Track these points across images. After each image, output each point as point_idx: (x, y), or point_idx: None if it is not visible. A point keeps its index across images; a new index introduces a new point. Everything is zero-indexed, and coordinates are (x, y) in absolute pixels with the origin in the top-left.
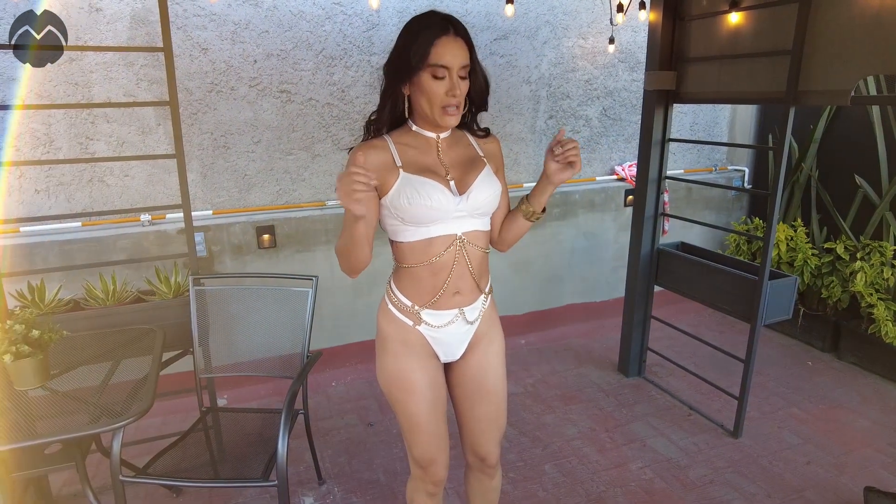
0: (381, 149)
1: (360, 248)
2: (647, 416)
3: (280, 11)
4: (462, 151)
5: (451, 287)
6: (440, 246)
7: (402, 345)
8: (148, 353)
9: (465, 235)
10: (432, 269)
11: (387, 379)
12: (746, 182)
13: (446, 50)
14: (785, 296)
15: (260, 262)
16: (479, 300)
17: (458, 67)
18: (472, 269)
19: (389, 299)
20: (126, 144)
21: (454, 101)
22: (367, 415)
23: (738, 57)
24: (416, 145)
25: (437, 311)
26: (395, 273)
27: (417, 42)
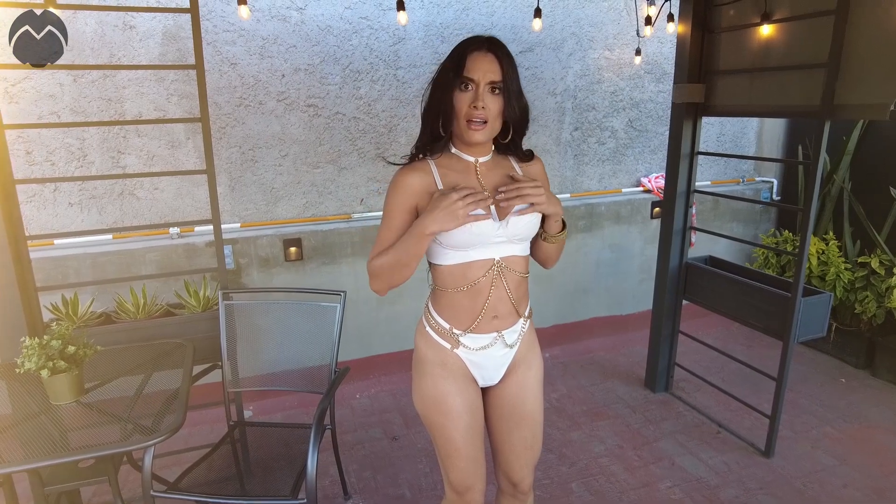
0: (423, 171)
1: (413, 266)
2: (675, 433)
3: (307, 26)
4: (503, 175)
5: (489, 311)
6: (478, 271)
7: (441, 367)
8: (178, 367)
9: (504, 260)
10: (470, 293)
11: (424, 402)
12: (775, 194)
13: (475, 63)
14: (819, 313)
15: (287, 275)
16: (518, 324)
17: (486, 82)
18: (510, 293)
19: (427, 322)
20: (156, 158)
21: (477, 114)
22: (392, 428)
23: (769, 70)
24: (456, 169)
25: (475, 335)
26: (433, 295)
27: (453, 56)
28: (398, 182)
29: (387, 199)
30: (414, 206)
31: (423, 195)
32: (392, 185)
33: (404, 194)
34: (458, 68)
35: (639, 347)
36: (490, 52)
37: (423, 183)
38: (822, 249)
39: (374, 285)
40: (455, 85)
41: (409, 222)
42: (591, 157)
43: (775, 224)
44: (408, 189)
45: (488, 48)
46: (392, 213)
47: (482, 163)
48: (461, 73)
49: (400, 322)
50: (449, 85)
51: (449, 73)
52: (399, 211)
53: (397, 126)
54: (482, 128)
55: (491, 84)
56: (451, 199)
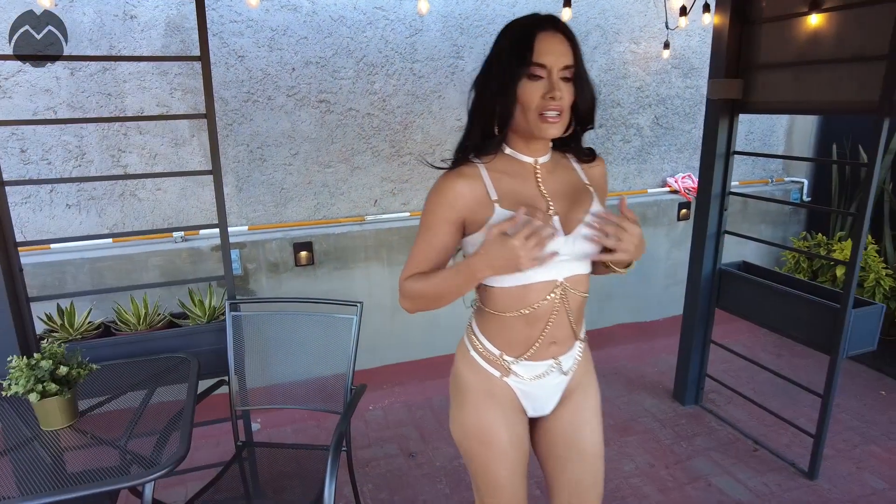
0: (472, 178)
1: (455, 300)
2: (708, 450)
3: (319, 17)
4: (565, 179)
5: (547, 338)
6: (538, 294)
7: (486, 397)
8: (181, 382)
9: (568, 281)
10: (527, 318)
11: (464, 433)
12: (805, 194)
13: (545, 46)
14: (870, 325)
15: (297, 281)
16: (575, 347)
17: (560, 68)
18: (571, 317)
19: (472, 345)
20: (159, 157)
21: (554, 105)
22: (408, 444)
23: (818, 63)
24: (511, 172)
25: (529, 363)
26: (479, 315)
27: (514, 40)
28: (443, 190)
29: (427, 208)
30: (461, 219)
31: (472, 206)
32: (435, 193)
33: (450, 205)
34: (526, 53)
35: (664, 356)
36: (559, 32)
37: (472, 191)
38: None
39: (405, 305)
40: (522, 73)
41: (452, 237)
42: (615, 156)
43: (805, 226)
44: (455, 199)
45: (555, 27)
46: (433, 226)
47: (542, 164)
48: (530, 58)
49: (414, 331)
50: (513, 73)
51: (512, 60)
52: (442, 223)
53: (413, 123)
54: (558, 120)
55: (564, 70)
56: (512, 247)
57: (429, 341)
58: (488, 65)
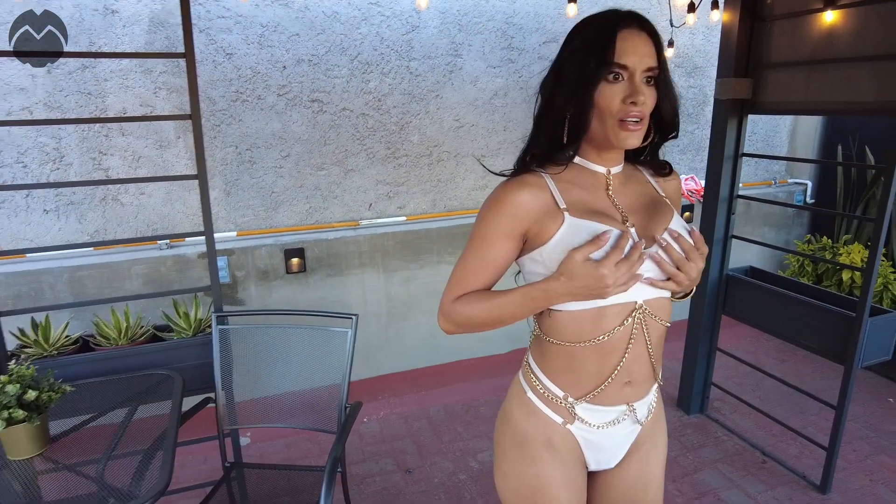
0: (537, 187)
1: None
2: (716, 462)
3: (312, 12)
4: (639, 191)
5: (621, 375)
6: (613, 319)
7: (546, 450)
8: (164, 400)
9: (647, 304)
10: (600, 349)
11: (518, 492)
12: (809, 196)
13: (628, 46)
14: (886, 334)
15: (288, 289)
16: (651, 392)
17: (643, 70)
18: (651, 350)
19: (530, 385)
20: (143, 160)
21: (636, 111)
22: (405, 459)
23: (834, 62)
24: (580, 183)
25: (598, 407)
26: (538, 348)
27: (592, 38)
28: (504, 198)
29: (483, 216)
30: (522, 232)
31: (537, 215)
32: (495, 201)
33: (512, 215)
34: (606, 52)
35: (667, 361)
36: (644, 31)
37: (538, 202)
38: (867, 257)
39: (447, 327)
40: (601, 75)
41: (509, 253)
42: None
43: (808, 228)
44: (518, 209)
45: (640, 25)
46: (488, 239)
47: (615, 174)
48: (611, 58)
49: (410, 339)
50: (591, 75)
51: (590, 60)
52: (500, 236)
53: (409, 123)
54: (639, 128)
55: (647, 72)
56: (601, 276)
57: (427, 350)
58: (559, 66)
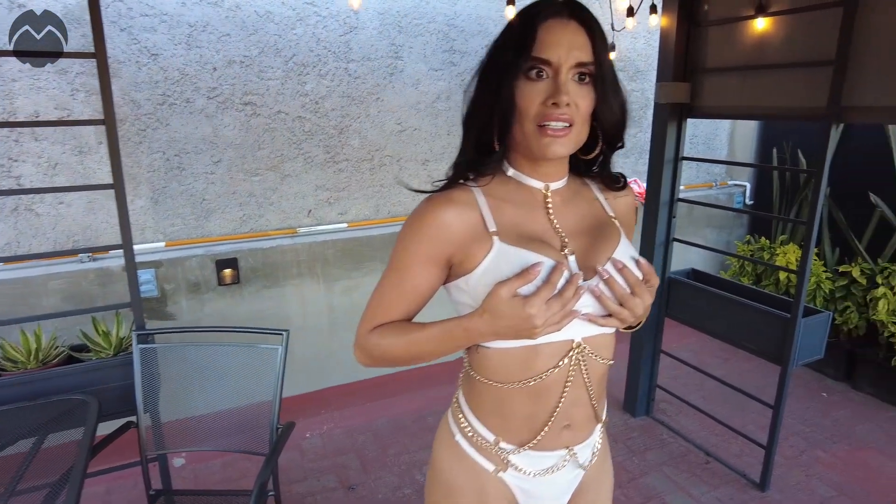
0: (464, 205)
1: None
2: (661, 465)
3: (243, 12)
4: (584, 210)
5: (559, 419)
6: (547, 360)
7: (475, 498)
8: (79, 426)
9: (587, 342)
10: (532, 392)
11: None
12: (748, 198)
13: (551, 36)
14: (818, 333)
15: (221, 302)
16: (595, 433)
17: (571, 65)
18: (591, 390)
19: (459, 426)
20: (60, 166)
21: (559, 115)
22: (348, 475)
23: (765, 67)
24: (515, 200)
25: (534, 452)
26: (467, 384)
27: (514, 29)
28: (426, 219)
29: (402, 239)
30: (446, 257)
31: (462, 239)
32: (415, 223)
33: (434, 239)
34: (525, 44)
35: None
36: (573, 20)
37: (464, 224)
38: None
39: (363, 360)
40: (520, 70)
41: (432, 280)
42: None
43: (749, 229)
44: (441, 231)
45: (570, 13)
46: (408, 264)
47: (555, 191)
48: (529, 50)
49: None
50: (508, 70)
51: (507, 53)
52: (420, 262)
53: (349, 127)
54: (565, 134)
55: (578, 68)
56: (528, 315)
57: None
58: (484, 62)
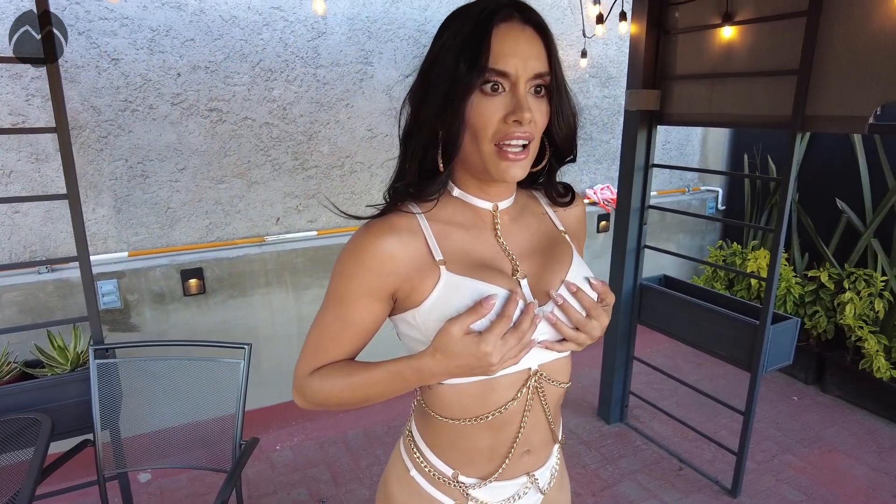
0: (407, 232)
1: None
2: (634, 472)
3: (208, 16)
4: (534, 227)
5: (520, 446)
6: (505, 392)
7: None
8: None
9: (543, 368)
10: (492, 426)
11: None
12: (720, 203)
13: (508, 45)
14: (786, 340)
15: (186, 312)
16: (553, 455)
17: (529, 76)
18: (549, 414)
19: (413, 461)
20: (15, 174)
21: (520, 133)
22: (319, 488)
23: (733, 76)
24: (460, 223)
25: (497, 483)
26: (421, 419)
27: (460, 37)
28: (366, 249)
29: (340, 272)
30: (390, 291)
31: (407, 274)
32: (354, 253)
33: (375, 272)
34: (479, 54)
35: (587, 369)
36: (528, 25)
37: (407, 253)
38: None
39: (304, 405)
40: (473, 83)
41: (375, 315)
42: None
43: (721, 234)
44: (383, 264)
45: (523, 17)
46: (348, 299)
47: (503, 210)
48: (485, 61)
49: None
50: (460, 83)
51: (458, 64)
52: (360, 296)
53: (318, 133)
54: (524, 156)
55: (535, 80)
56: (484, 353)
57: None
58: (426, 70)
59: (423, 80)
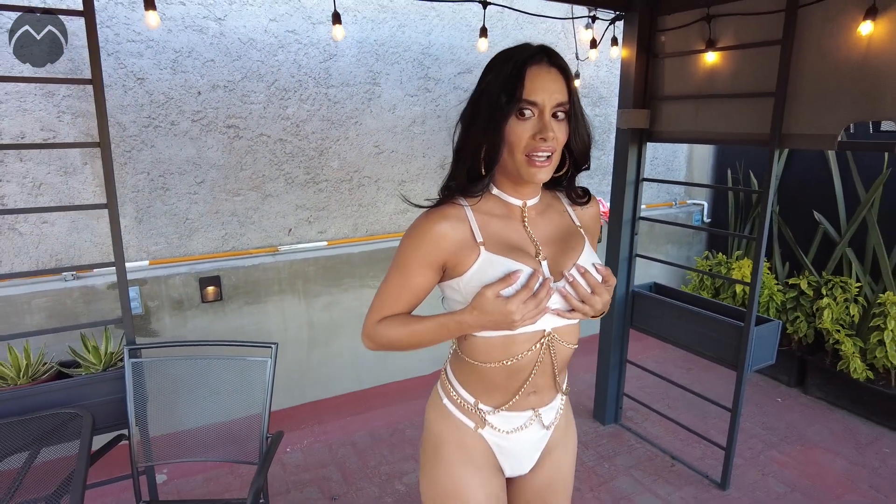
0: (457, 219)
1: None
2: (629, 469)
3: (227, 39)
4: (555, 222)
5: (529, 388)
6: (523, 345)
7: (459, 450)
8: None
9: (556, 331)
10: (509, 370)
11: (435, 493)
12: (706, 216)
13: (537, 83)
14: (769, 341)
15: (204, 318)
16: (556, 400)
17: (552, 105)
18: (556, 368)
19: (446, 392)
20: (45, 187)
21: (545, 147)
22: (330, 486)
23: (716, 97)
24: (498, 214)
25: (507, 413)
26: (455, 362)
27: (504, 74)
28: (425, 230)
29: (404, 246)
30: (441, 262)
31: (455, 248)
32: (416, 233)
33: (432, 246)
34: (515, 88)
35: (583, 374)
36: (554, 67)
37: (457, 234)
38: None
39: (370, 346)
40: (511, 111)
41: (429, 280)
42: None
43: (707, 245)
44: (438, 241)
45: (550, 61)
46: (410, 267)
47: (531, 206)
48: (520, 94)
49: (333, 365)
50: (501, 111)
51: (500, 96)
52: (420, 265)
53: (329, 149)
54: (547, 164)
55: (557, 107)
56: (509, 311)
57: (351, 376)
58: (475, 100)
59: (472, 107)
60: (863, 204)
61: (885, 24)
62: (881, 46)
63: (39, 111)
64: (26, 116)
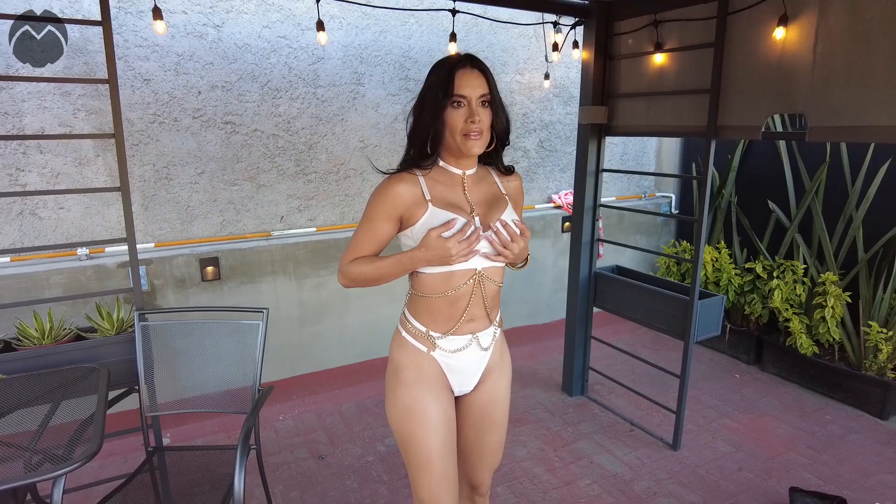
0: (411, 183)
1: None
2: (591, 433)
3: (225, 44)
4: (487, 189)
5: (466, 316)
6: (459, 279)
7: (416, 372)
8: (91, 393)
9: (485, 271)
10: (450, 299)
11: (398, 411)
12: (674, 207)
13: (464, 81)
14: (714, 313)
15: (203, 296)
16: (490, 328)
17: (477, 97)
18: (486, 300)
19: (404, 327)
20: (61, 176)
21: (475, 127)
22: (318, 448)
23: (663, 94)
24: (443, 181)
25: (451, 337)
26: (410, 301)
27: (440, 77)
28: (386, 190)
29: (371, 203)
30: (398, 216)
31: (409, 204)
32: (379, 192)
33: (391, 202)
34: (449, 87)
35: (555, 355)
36: (475, 68)
37: (410, 193)
38: (716, 257)
39: (343, 282)
40: (447, 104)
41: (390, 230)
42: None
43: (675, 235)
44: (396, 198)
45: (472, 64)
46: (375, 219)
47: (469, 175)
48: (452, 91)
49: (322, 342)
50: (440, 104)
51: (439, 94)
52: (383, 218)
53: (317, 143)
54: (479, 139)
55: (481, 98)
56: (447, 248)
57: (339, 351)
58: (421, 97)
59: (420, 102)
60: (808, 192)
61: (795, 31)
62: (793, 49)
63: (57, 108)
64: (46, 113)
